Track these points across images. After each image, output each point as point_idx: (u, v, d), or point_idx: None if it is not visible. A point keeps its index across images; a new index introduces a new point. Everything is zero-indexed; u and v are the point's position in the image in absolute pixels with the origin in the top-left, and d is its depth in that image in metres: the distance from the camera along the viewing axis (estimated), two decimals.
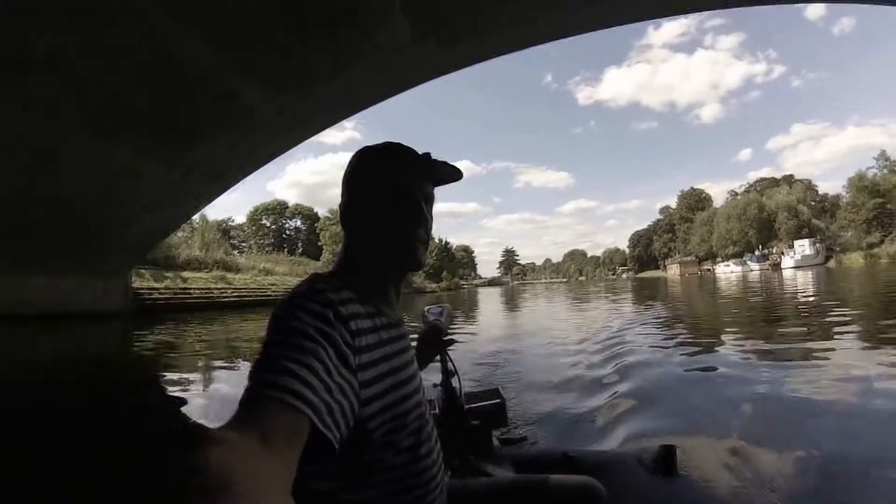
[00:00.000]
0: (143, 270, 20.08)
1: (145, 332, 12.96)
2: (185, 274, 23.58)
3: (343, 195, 1.11)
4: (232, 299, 24.25)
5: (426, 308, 1.77)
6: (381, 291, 1.04)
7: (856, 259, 54.03)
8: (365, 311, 0.93)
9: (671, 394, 4.68)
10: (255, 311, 20.86)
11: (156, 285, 20.32)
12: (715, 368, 5.61)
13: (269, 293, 27.45)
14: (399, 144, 1.10)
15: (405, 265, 1.08)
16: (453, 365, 1.72)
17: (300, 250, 61.61)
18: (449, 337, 1.66)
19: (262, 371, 0.69)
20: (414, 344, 1.22)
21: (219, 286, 24.98)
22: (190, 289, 22.59)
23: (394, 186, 1.04)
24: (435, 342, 1.60)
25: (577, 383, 5.34)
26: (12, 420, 4.84)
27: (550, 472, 1.28)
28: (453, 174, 1.14)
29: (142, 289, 18.96)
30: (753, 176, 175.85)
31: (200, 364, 8.25)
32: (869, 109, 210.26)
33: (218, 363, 8.27)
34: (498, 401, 1.98)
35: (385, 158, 1.08)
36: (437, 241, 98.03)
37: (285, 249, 56.05)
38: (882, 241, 60.53)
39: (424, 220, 1.06)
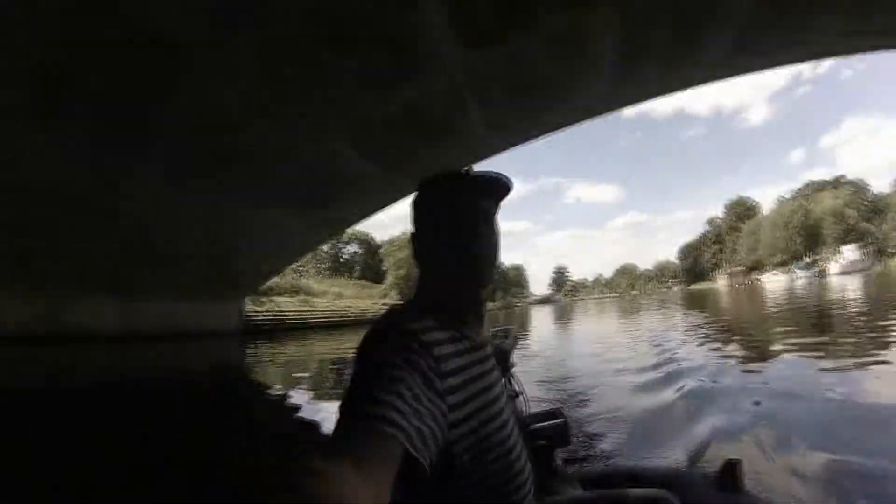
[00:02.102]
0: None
1: (263, 346, 16.28)
2: (278, 299, 26.93)
3: (412, 226, 1.17)
4: (318, 321, 27.59)
5: (491, 331, 1.80)
6: (459, 315, 1.09)
7: None
8: (447, 337, 0.99)
9: (729, 405, 4.84)
10: (338, 330, 24.57)
11: (258, 309, 23.65)
12: (766, 383, 5.77)
13: (346, 315, 31.01)
14: (453, 171, 1.14)
15: (472, 283, 1.12)
16: (519, 385, 1.81)
17: (357, 274, 64.42)
18: (512, 360, 1.77)
19: (354, 402, 0.77)
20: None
21: (306, 309, 28.44)
22: (284, 312, 25.94)
23: (448, 209, 1.11)
24: (500, 365, 1.49)
25: (634, 398, 5.54)
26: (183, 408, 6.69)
27: (620, 487, 1.36)
28: (501, 184, 1.16)
29: (248, 312, 22.18)
30: (807, 177, 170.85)
31: (310, 369, 10.75)
32: None
33: (314, 369, 10.68)
34: (561, 420, 1.89)
35: (438, 185, 1.15)
36: None
37: (344, 274, 59.26)
38: None
39: (479, 235, 1.11)
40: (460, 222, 1.11)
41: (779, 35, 8.05)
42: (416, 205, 1.18)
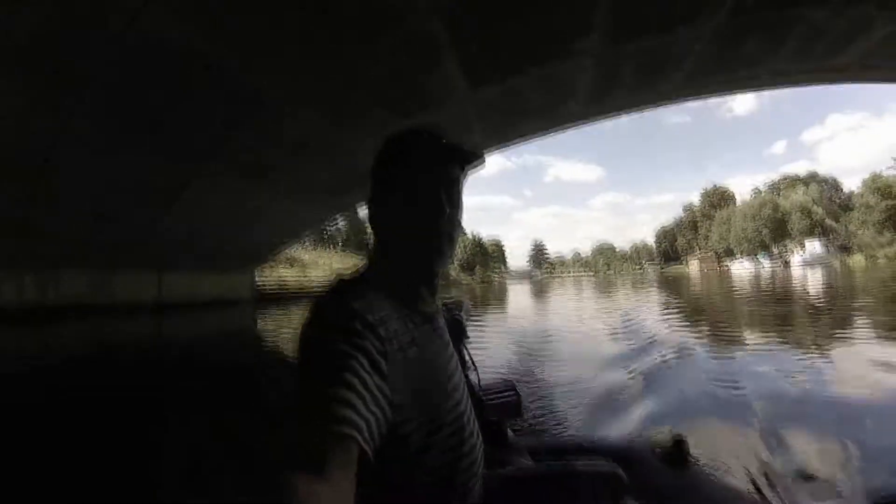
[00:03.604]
0: None
1: (274, 311, 18.02)
2: (279, 270, 29.17)
3: (372, 187, 1.06)
4: (315, 289, 29.63)
5: (443, 301, 1.58)
6: (412, 289, 1.02)
7: (858, 259, 56.62)
8: (396, 313, 0.91)
9: (684, 383, 4.99)
10: None
11: (265, 279, 25.79)
12: (732, 357, 6.32)
13: None
14: (419, 130, 1.05)
15: (432, 260, 1.02)
16: (471, 359, 1.67)
17: (340, 246, 66.03)
18: (466, 330, 1.67)
19: (308, 403, 0.74)
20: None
21: (304, 278, 30.88)
22: (287, 281, 28.38)
23: (411, 175, 1.00)
24: (453, 337, 1.39)
25: (592, 374, 5.56)
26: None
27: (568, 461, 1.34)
28: (475, 154, 1.07)
29: (258, 282, 24.22)
30: (787, 169, 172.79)
31: None
32: None
33: None
34: (513, 394, 1.81)
35: (402, 146, 1.04)
36: (470, 236, 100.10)
37: (328, 246, 60.91)
38: (892, 243, 61.73)
39: (446, 207, 1.00)
40: (427, 190, 1.00)
41: (725, 72, 10.35)
42: (379, 164, 1.06)
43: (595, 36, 8.31)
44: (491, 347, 7.92)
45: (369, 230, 1.11)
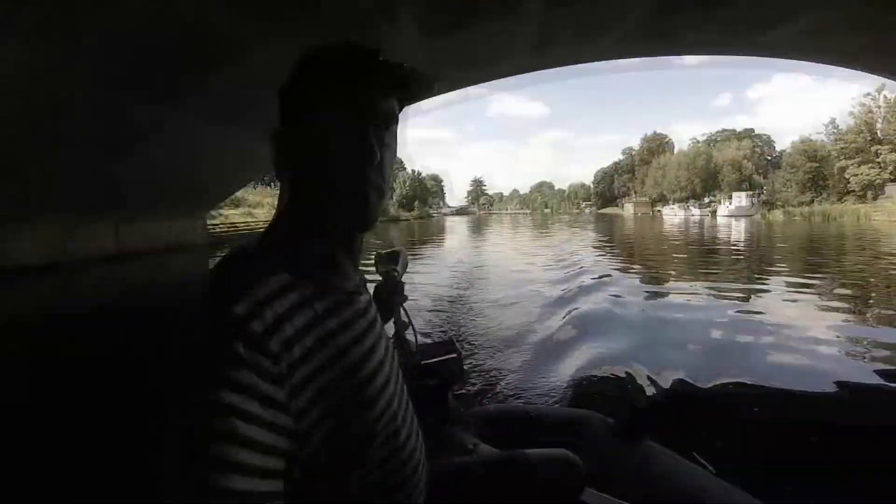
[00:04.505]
0: None
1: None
2: (226, 212, 29.65)
3: (281, 116, 0.81)
4: (261, 229, 30.31)
5: (379, 255, 1.59)
6: (328, 260, 0.82)
7: (777, 215, 59.90)
8: (304, 300, 0.73)
9: (619, 324, 5.18)
10: None
11: (214, 222, 26.16)
12: (664, 295, 6.90)
13: None
14: (348, 44, 0.78)
15: (353, 221, 0.80)
16: (408, 317, 1.52)
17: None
18: (403, 289, 1.54)
19: (183, 469, 0.60)
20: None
21: (251, 219, 31.46)
22: (235, 223, 28.95)
23: (331, 105, 0.76)
24: (390, 296, 1.47)
25: (530, 330, 5.28)
26: None
27: (518, 436, 1.31)
28: (422, 85, 0.84)
29: (208, 225, 24.41)
30: (729, 122, 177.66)
31: None
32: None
33: None
34: (454, 355, 1.62)
35: (323, 65, 0.78)
36: (409, 170, 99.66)
37: (269, 184, 60.49)
38: (812, 202, 65.07)
39: (375, 153, 0.76)
40: (353, 126, 0.76)
41: (659, 37, 11.50)
42: (290, 88, 0.80)
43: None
44: (427, 285, 8.46)
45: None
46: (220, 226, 26.92)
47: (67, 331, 6.45)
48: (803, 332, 5.26)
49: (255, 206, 36.19)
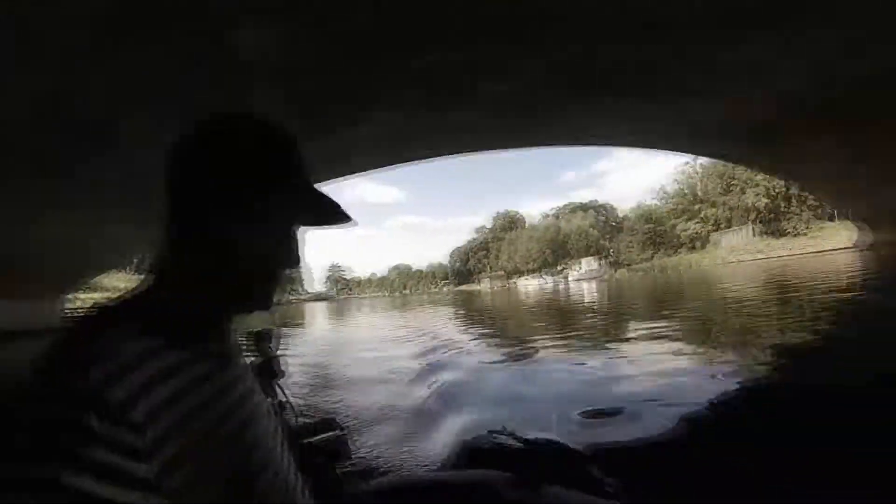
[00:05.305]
0: None
1: None
2: (83, 296, 28.09)
3: (175, 176, 0.75)
4: None
5: (252, 333, 1.54)
6: (209, 325, 0.78)
7: (623, 272, 66.03)
8: (176, 362, 0.68)
9: (483, 390, 5.38)
10: None
11: (70, 307, 24.62)
12: (525, 356, 7.12)
13: None
14: (280, 132, 0.78)
15: (252, 303, 0.79)
16: (286, 396, 1.52)
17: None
18: (281, 367, 1.53)
19: None
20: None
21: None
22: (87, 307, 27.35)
23: (267, 183, 0.74)
24: (264, 374, 1.45)
25: (398, 402, 5.31)
26: None
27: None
28: (335, 216, 0.83)
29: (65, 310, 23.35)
30: (574, 196, 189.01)
31: None
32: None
33: None
34: (337, 432, 1.55)
35: (261, 148, 0.75)
36: None
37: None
38: (652, 257, 73.75)
39: (295, 244, 0.81)
40: (280, 213, 0.76)
41: (510, 131, 13.15)
42: (202, 154, 0.74)
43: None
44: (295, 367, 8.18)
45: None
46: (79, 310, 25.33)
47: None
48: (660, 366, 5.68)
49: (108, 290, 34.56)
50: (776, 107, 13.66)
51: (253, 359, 1.44)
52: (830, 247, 33.81)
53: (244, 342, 1.13)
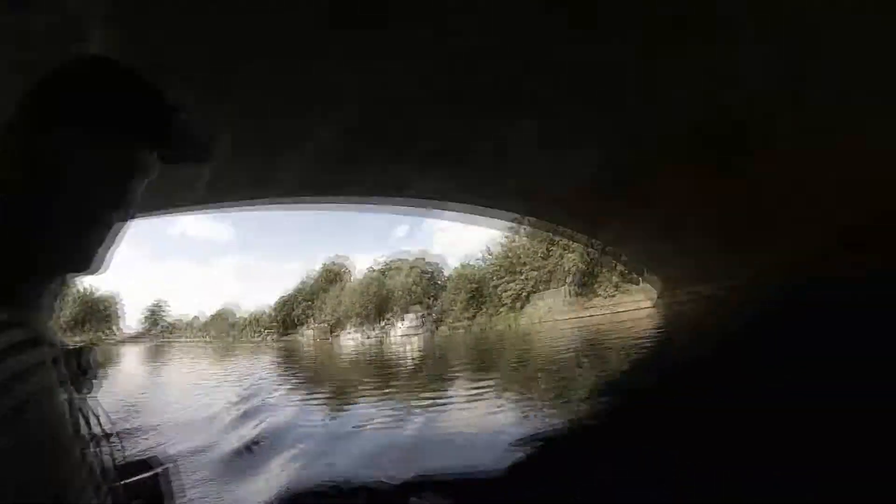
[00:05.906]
0: None
1: None
2: None
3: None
4: None
5: (66, 351, 1.00)
6: (30, 303, 0.64)
7: (444, 330, 69.59)
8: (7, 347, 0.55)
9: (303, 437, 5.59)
10: None
11: None
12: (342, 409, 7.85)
13: None
14: (124, 69, 0.68)
15: (78, 262, 0.67)
16: (101, 428, 1.06)
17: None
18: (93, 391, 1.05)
19: None
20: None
21: None
22: None
23: (97, 134, 0.65)
24: (83, 390, 0.98)
25: (217, 446, 5.49)
26: None
27: None
28: (196, 149, 0.77)
29: None
30: (408, 249, 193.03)
31: None
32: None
33: None
34: (157, 471, 1.34)
35: (98, 85, 0.66)
36: (80, 288, 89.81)
37: None
38: (475, 316, 75.64)
39: (127, 198, 0.69)
40: (113, 167, 0.66)
41: (329, 185, 13.64)
42: (42, 91, 0.66)
43: None
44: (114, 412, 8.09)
45: None
46: None
47: None
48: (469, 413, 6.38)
49: None
50: (574, 180, 14.94)
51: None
52: (634, 307, 38.06)
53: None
